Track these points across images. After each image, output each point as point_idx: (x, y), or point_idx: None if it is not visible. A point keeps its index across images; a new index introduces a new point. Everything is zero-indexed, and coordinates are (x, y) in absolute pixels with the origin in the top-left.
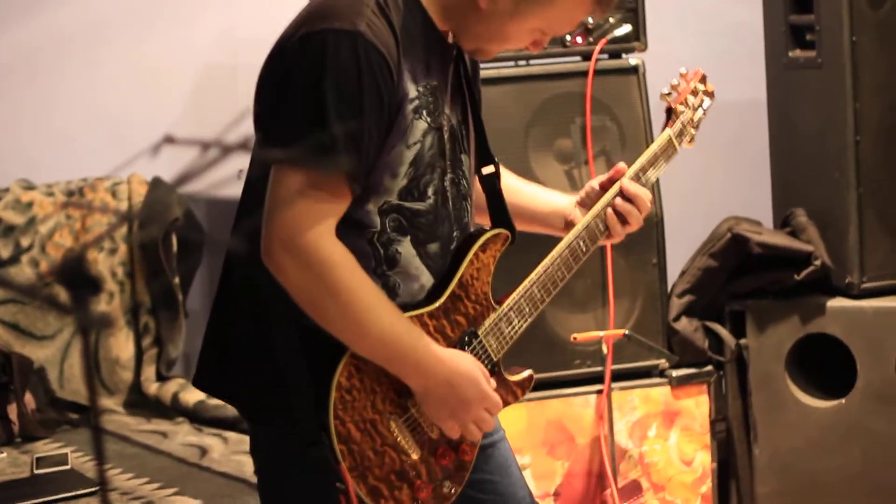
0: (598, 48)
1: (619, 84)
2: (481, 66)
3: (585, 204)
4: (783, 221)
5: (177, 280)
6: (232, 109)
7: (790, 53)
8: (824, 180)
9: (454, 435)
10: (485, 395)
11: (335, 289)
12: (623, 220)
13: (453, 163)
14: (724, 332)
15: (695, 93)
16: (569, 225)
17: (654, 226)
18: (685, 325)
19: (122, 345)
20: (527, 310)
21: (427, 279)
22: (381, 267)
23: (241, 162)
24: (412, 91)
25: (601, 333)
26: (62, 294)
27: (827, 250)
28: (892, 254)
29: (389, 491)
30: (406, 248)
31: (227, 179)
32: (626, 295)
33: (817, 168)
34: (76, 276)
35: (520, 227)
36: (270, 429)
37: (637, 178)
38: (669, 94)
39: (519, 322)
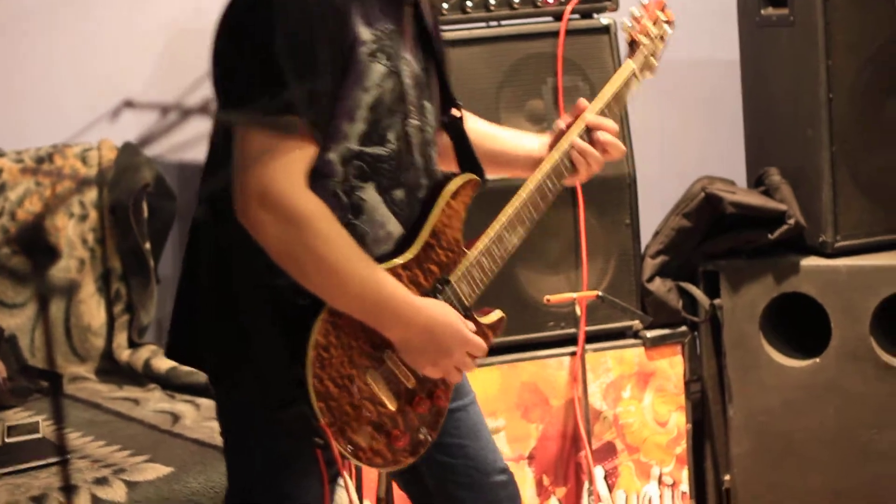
0: (569, 8)
1: (591, 44)
2: (454, 29)
3: (555, 145)
4: (757, 181)
5: (148, 246)
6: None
7: (762, 11)
8: (798, 139)
9: (436, 375)
10: (466, 339)
11: (314, 242)
12: (588, 159)
13: (418, 109)
14: (697, 293)
15: (656, 22)
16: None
17: (627, 186)
18: (659, 286)
19: (93, 312)
20: (497, 253)
21: (394, 226)
22: (346, 215)
23: (202, 125)
24: (365, 34)
25: (574, 295)
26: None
27: (801, 209)
28: (865, 212)
29: (367, 443)
30: (370, 194)
31: (190, 142)
32: (599, 256)
33: (791, 127)
34: (33, 243)
35: (493, 172)
36: (237, 392)
37: (602, 112)
38: (631, 25)
39: (490, 266)
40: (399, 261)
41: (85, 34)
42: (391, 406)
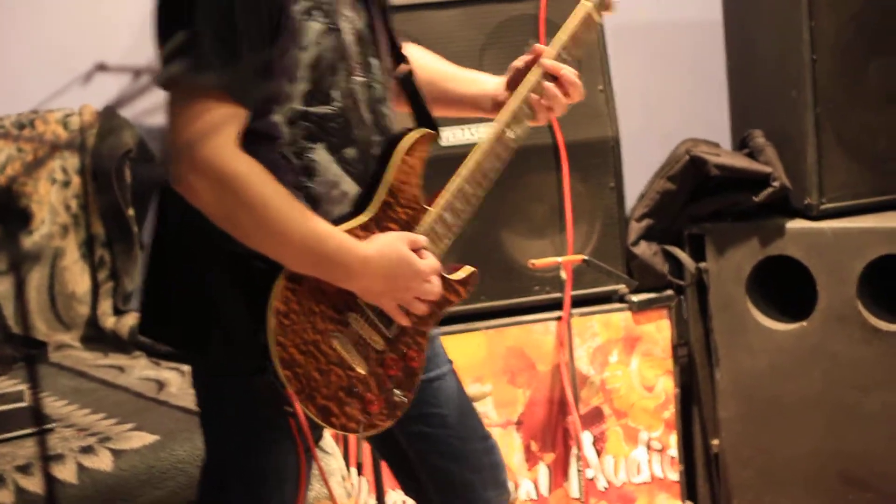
0: None
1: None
2: None
3: (512, 85)
4: (741, 143)
5: (131, 211)
6: None
7: None
8: (782, 100)
9: (403, 321)
10: (418, 270)
11: (248, 200)
12: (548, 103)
13: (363, 66)
14: (683, 256)
15: None
16: (496, 106)
17: (611, 149)
18: (644, 250)
19: (77, 279)
20: (460, 207)
21: (349, 185)
22: (299, 178)
23: None
24: None
25: (559, 259)
26: None
27: (785, 171)
28: (850, 174)
29: (339, 408)
30: (321, 154)
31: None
32: (583, 220)
33: (775, 88)
34: (4, 208)
35: (448, 111)
36: (208, 362)
37: (560, 57)
38: None
39: (454, 221)
40: (357, 222)
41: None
42: (361, 370)
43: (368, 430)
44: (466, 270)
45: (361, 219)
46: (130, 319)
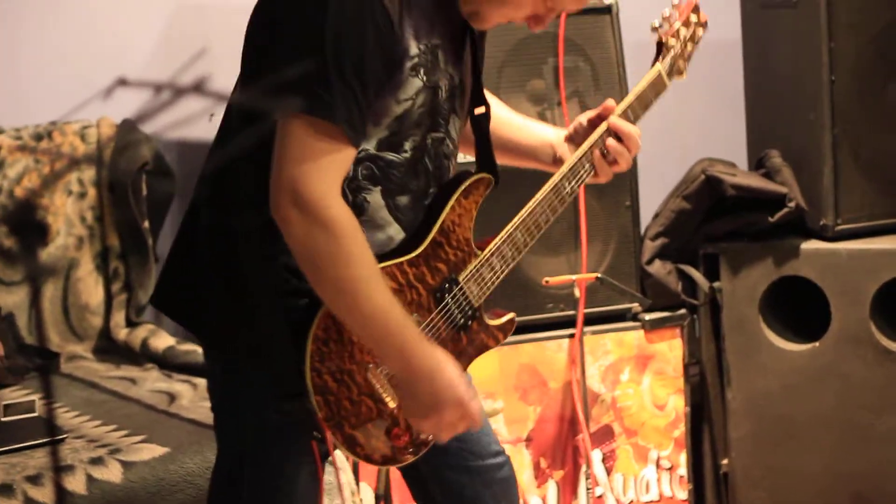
0: None
1: (593, 24)
2: None
3: (573, 140)
4: (758, 163)
5: (146, 224)
6: (195, 51)
7: None
8: (799, 121)
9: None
10: (462, 401)
11: (338, 254)
12: (611, 159)
13: (445, 121)
14: (697, 275)
15: (687, 24)
16: (557, 160)
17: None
18: (658, 268)
19: (91, 290)
20: (509, 254)
21: (395, 231)
22: None
23: (195, 104)
24: (413, 48)
25: (573, 277)
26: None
27: (802, 192)
28: (866, 195)
29: (366, 439)
30: (375, 197)
31: (188, 119)
32: (598, 238)
33: (792, 109)
34: (24, 221)
35: (509, 161)
36: (236, 370)
37: (626, 115)
38: (660, 26)
39: (501, 267)
40: (405, 258)
41: (84, 12)
42: (391, 403)
43: (392, 463)
44: (507, 317)
45: (409, 255)
46: (143, 332)
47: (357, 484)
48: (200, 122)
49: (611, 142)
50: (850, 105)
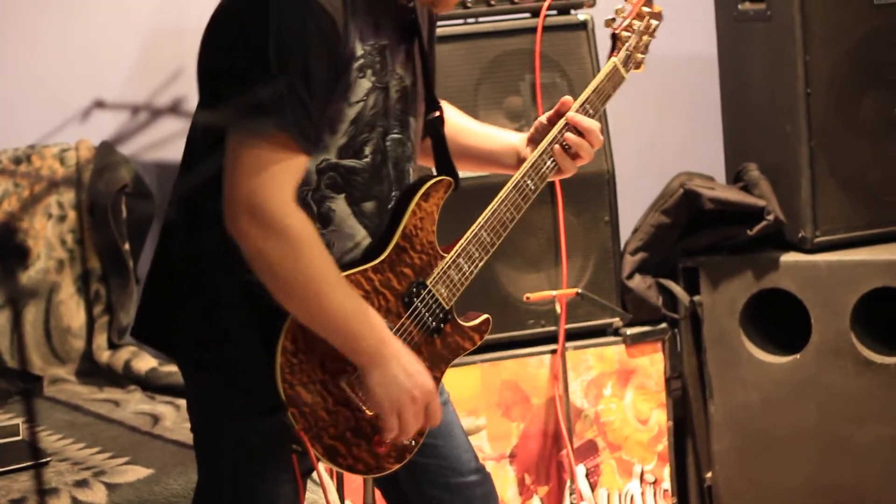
0: (546, 4)
1: (569, 40)
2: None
3: (535, 140)
4: (735, 176)
5: (127, 246)
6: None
7: (740, 6)
8: (776, 134)
9: (390, 432)
10: (432, 393)
11: (298, 259)
12: (573, 153)
13: (401, 123)
14: (677, 289)
15: (640, 17)
16: (520, 161)
17: (606, 182)
18: (639, 283)
19: (73, 313)
20: (476, 254)
21: (363, 237)
22: (314, 224)
23: (172, 125)
24: (359, 49)
25: (554, 293)
26: None
27: (780, 205)
28: (844, 207)
29: (347, 449)
30: (340, 205)
31: (166, 140)
32: (578, 253)
33: (769, 122)
34: (3, 245)
35: (474, 168)
36: (211, 390)
37: (584, 110)
38: (613, 19)
39: (469, 267)
40: (369, 265)
41: (60, 35)
42: (369, 411)
43: (376, 472)
44: (480, 318)
45: (374, 262)
46: (126, 354)
47: (341, 501)
48: (178, 143)
49: (570, 136)
50: (826, 117)
